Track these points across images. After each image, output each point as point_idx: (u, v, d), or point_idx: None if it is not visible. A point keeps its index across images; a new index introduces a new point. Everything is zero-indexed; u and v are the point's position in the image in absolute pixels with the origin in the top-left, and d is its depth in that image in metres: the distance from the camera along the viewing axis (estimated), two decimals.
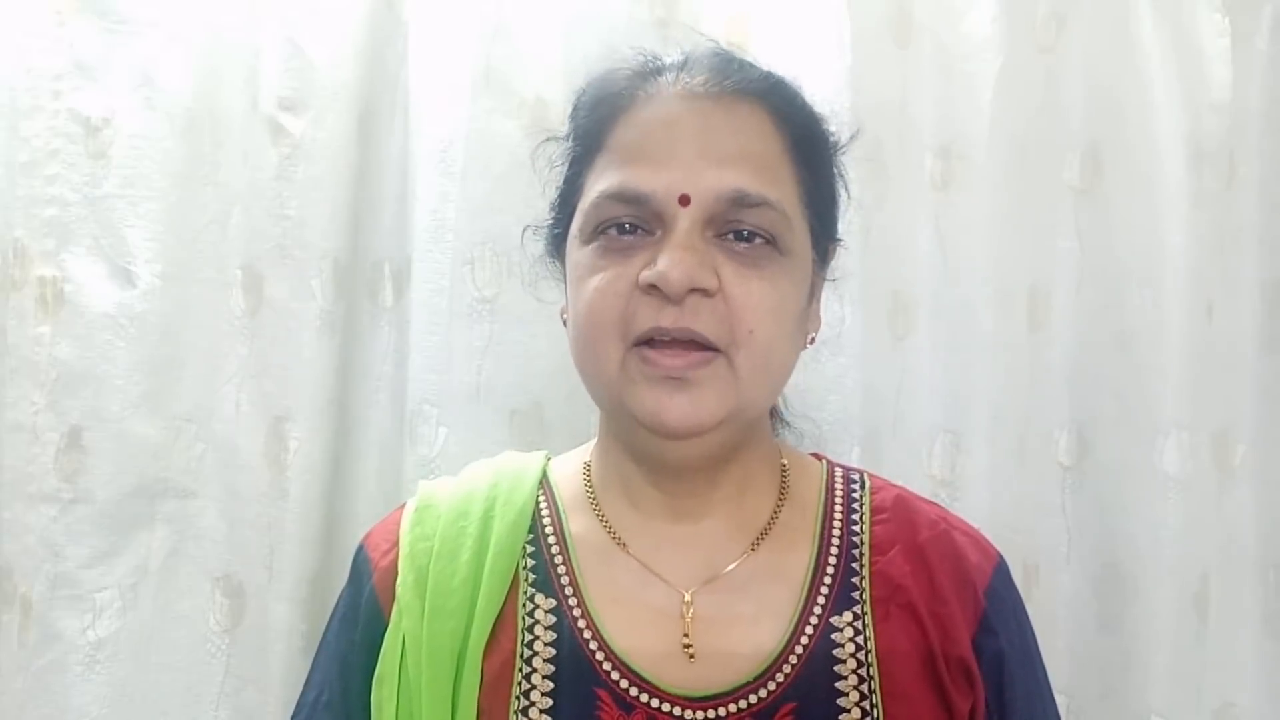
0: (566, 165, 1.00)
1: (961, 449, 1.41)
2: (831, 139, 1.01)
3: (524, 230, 1.08)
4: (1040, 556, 1.42)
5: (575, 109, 1.00)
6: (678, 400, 0.88)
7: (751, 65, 0.97)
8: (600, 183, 0.92)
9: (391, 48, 1.37)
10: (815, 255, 0.97)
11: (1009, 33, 1.41)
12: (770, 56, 1.03)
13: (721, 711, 0.89)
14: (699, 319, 0.87)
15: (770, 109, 0.94)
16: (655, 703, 0.89)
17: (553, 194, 1.02)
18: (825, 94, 1.01)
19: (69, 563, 1.25)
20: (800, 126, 0.96)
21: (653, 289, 0.87)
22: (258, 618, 1.31)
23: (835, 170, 1.02)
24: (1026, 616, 1.02)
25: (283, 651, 1.29)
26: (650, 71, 0.96)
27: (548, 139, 1.05)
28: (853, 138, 1.05)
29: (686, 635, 0.93)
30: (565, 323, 0.98)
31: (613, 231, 0.91)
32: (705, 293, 0.88)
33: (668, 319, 0.87)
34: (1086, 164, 1.45)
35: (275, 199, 1.33)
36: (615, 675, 0.91)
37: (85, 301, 1.27)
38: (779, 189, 0.91)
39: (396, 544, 0.99)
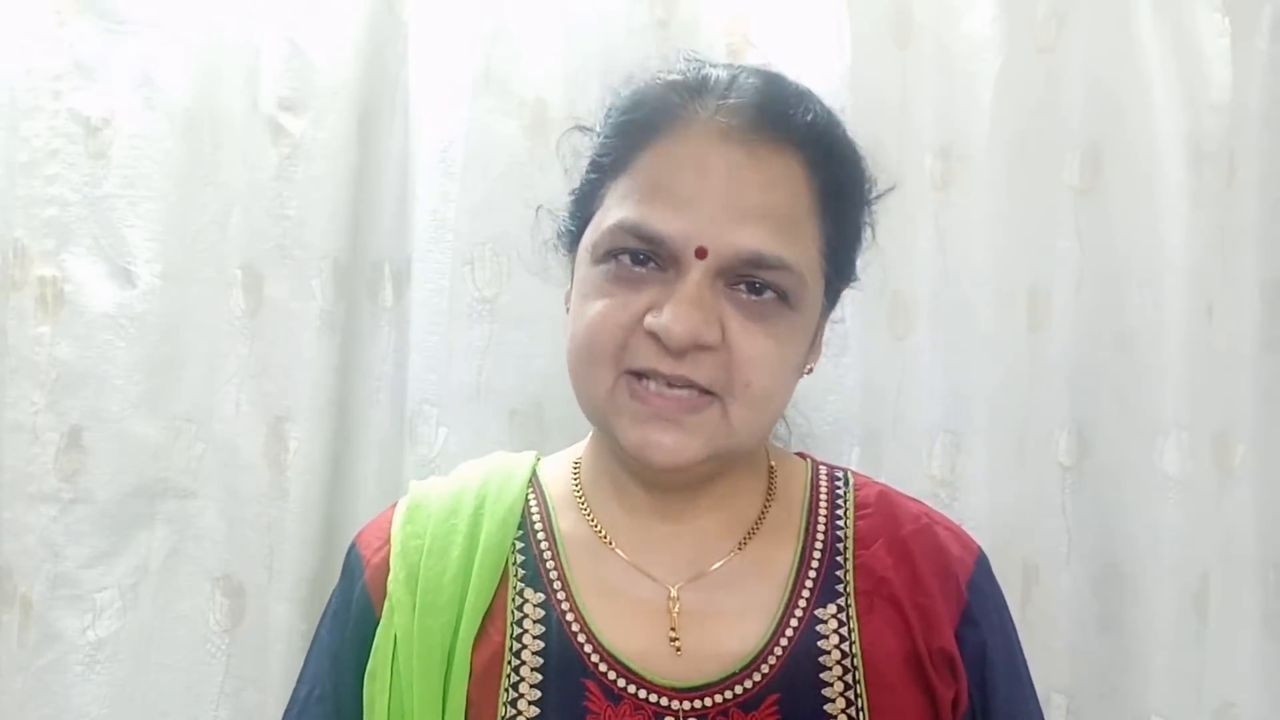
0: (589, 167, 0.98)
1: (961, 449, 1.41)
2: (866, 184, 0.99)
3: (538, 209, 1.07)
4: (1040, 557, 1.42)
5: (609, 112, 0.98)
6: (664, 438, 0.89)
7: (799, 103, 0.93)
8: (620, 209, 0.91)
9: (391, 48, 1.37)
10: (826, 300, 0.97)
11: (1009, 33, 1.41)
12: (770, 57, 1.03)
13: (708, 702, 0.90)
14: (698, 369, 0.88)
15: (806, 158, 0.91)
16: (642, 694, 0.90)
17: (573, 183, 1.00)
18: (825, 94, 1.00)
19: (69, 563, 1.25)
20: (833, 179, 0.93)
21: (655, 335, 0.87)
22: (258, 618, 1.31)
23: (864, 218, 1.00)
24: (1007, 609, 1.03)
25: (283, 651, 1.29)
26: (693, 88, 0.93)
27: (575, 127, 1.04)
28: (890, 190, 1.03)
29: (673, 630, 0.94)
30: (568, 309, 0.98)
31: (625, 259, 0.90)
32: (708, 347, 0.88)
33: (666, 366, 0.88)
34: (1086, 164, 1.45)
35: (275, 199, 1.33)
36: (603, 667, 0.92)
37: (85, 301, 1.27)
38: (799, 249, 0.90)
39: (388, 541, 0.99)
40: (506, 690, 0.91)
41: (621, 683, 0.91)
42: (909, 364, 1.41)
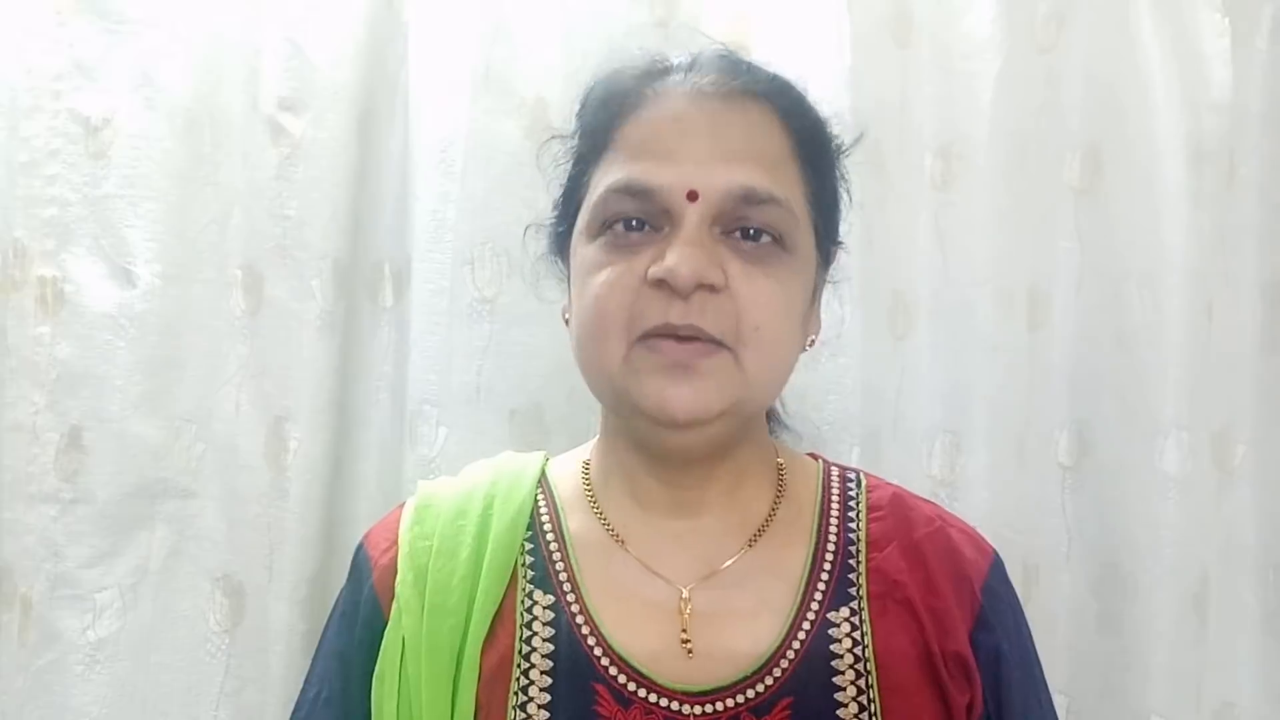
0: (572, 163, 1.00)
1: (961, 449, 1.41)
2: (835, 142, 1.02)
3: (526, 229, 1.09)
4: (1040, 557, 1.42)
5: (583, 106, 1.01)
6: (681, 389, 0.89)
7: (758, 67, 0.98)
8: (608, 178, 0.93)
9: (391, 48, 1.37)
10: (819, 257, 0.98)
11: (1009, 33, 1.41)
12: (770, 56, 1.03)
13: (719, 706, 0.90)
14: (705, 317, 0.88)
15: (777, 110, 0.95)
16: (653, 697, 0.90)
17: (556, 191, 1.02)
18: (825, 94, 1.01)
19: (69, 562, 1.25)
20: (806, 128, 0.97)
21: (661, 284, 0.88)
22: (258, 618, 1.30)
23: (838, 173, 1.03)
24: (1023, 613, 1.02)
25: (283, 651, 1.29)
26: (658, 71, 0.97)
27: (553, 137, 1.05)
28: (855, 141, 1.06)
29: (685, 631, 0.93)
30: (566, 321, 0.99)
31: (619, 227, 0.92)
32: (712, 289, 0.88)
33: (675, 315, 0.88)
34: (1086, 164, 1.44)
35: (275, 199, 1.32)
36: (613, 670, 0.91)
37: (85, 301, 1.26)
38: (786, 187, 0.93)
39: (396, 543, 0.99)
40: (516, 694, 0.91)
41: (631, 686, 0.90)
42: (909, 364, 1.41)
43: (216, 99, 1.31)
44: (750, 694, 0.90)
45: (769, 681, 0.90)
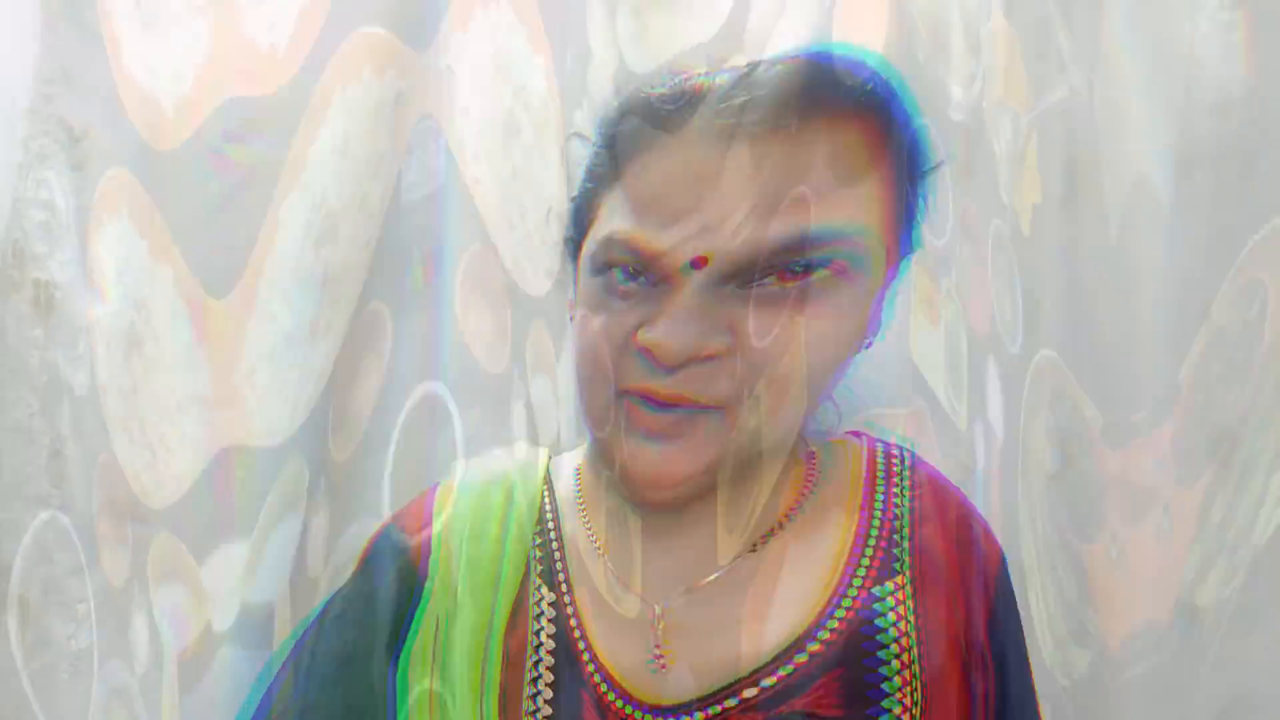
0: (585, 175, 0.96)
1: None
2: (927, 154, 0.93)
3: (548, 211, 1.07)
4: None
5: (600, 123, 0.95)
6: (651, 452, 0.87)
7: (843, 75, 0.87)
8: (611, 222, 0.88)
9: None
10: (886, 269, 0.92)
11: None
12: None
13: (704, 712, 0.89)
14: (696, 385, 0.84)
15: (863, 125, 0.86)
16: (629, 709, 0.90)
17: (573, 190, 1.00)
18: None
19: (58, 568, 1.28)
20: (894, 143, 0.89)
21: (648, 351, 0.84)
22: (215, 648, 1.31)
23: (927, 185, 0.95)
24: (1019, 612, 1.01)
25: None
26: (691, 95, 0.87)
27: (574, 135, 1.02)
28: (941, 163, 0.97)
29: (658, 646, 0.92)
30: (571, 318, 0.97)
31: (618, 274, 0.88)
32: (711, 358, 0.84)
33: (658, 384, 0.85)
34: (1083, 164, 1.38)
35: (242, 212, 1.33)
36: (596, 678, 0.92)
37: (70, 309, 1.29)
38: (850, 213, 0.85)
39: (430, 523, 0.99)
40: (530, 683, 0.92)
41: (610, 696, 0.91)
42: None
43: (187, 109, 1.31)
44: (778, 676, 0.88)
45: (802, 658, 0.88)
